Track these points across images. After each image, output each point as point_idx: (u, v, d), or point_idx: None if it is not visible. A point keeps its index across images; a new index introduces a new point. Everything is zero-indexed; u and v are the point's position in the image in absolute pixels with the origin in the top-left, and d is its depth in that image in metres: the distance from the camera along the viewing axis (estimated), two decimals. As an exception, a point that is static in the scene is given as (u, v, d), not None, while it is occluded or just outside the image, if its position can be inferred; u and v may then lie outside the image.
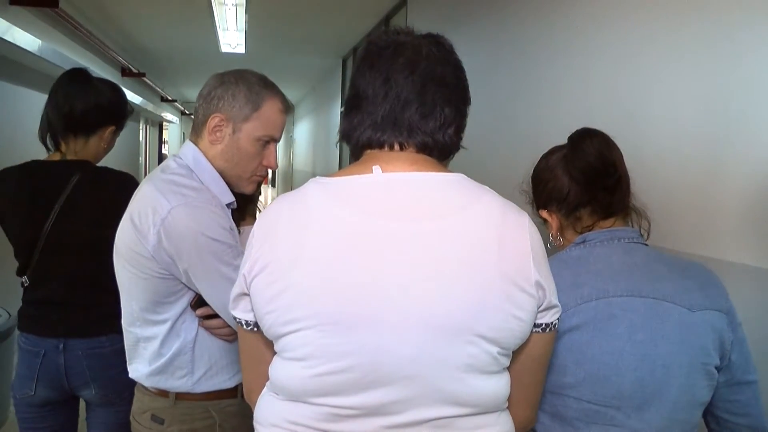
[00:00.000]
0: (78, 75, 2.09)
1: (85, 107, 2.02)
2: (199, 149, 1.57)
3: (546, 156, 1.43)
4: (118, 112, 2.13)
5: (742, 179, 1.64)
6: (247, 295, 1.02)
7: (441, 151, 1.07)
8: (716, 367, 1.27)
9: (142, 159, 11.73)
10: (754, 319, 1.50)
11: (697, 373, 1.25)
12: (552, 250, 1.45)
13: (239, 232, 1.56)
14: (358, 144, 1.07)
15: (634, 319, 1.24)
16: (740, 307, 1.31)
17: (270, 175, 22.05)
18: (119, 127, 2.16)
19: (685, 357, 1.24)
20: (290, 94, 14.45)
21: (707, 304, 1.26)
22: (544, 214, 1.43)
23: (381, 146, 1.05)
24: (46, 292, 2.02)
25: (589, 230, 1.36)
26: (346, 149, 1.15)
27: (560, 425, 1.28)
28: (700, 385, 1.26)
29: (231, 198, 1.57)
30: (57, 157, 2.05)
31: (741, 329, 1.30)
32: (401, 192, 1.00)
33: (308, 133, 14.09)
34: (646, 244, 1.36)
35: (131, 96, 8.43)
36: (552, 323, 1.04)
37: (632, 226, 1.38)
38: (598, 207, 1.34)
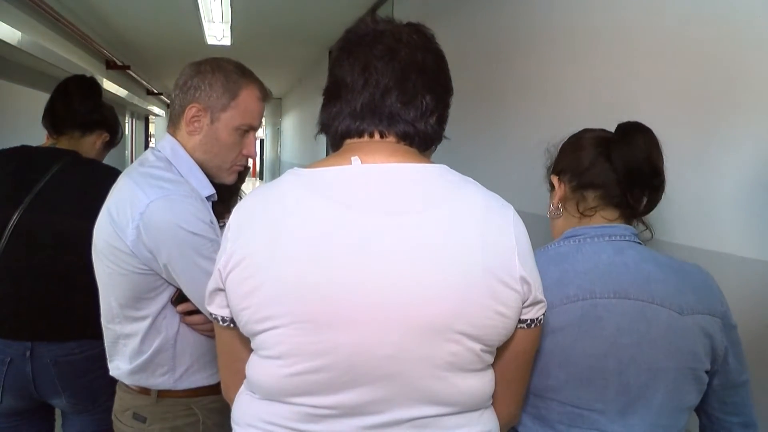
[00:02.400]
0: (91, 80, 2.21)
1: (93, 105, 2.12)
2: (178, 141, 1.54)
3: (584, 131, 1.37)
4: (115, 123, 2.24)
5: (733, 169, 1.62)
6: (223, 290, 0.99)
7: (422, 140, 1.04)
8: (707, 372, 1.24)
9: (128, 153, 11.63)
10: (748, 311, 1.49)
11: (684, 378, 1.22)
12: (546, 227, 1.42)
13: (223, 226, 1.53)
14: (337, 134, 1.04)
15: (621, 321, 1.20)
16: (731, 299, 1.29)
17: (258, 167, 21.99)
18: (111, 141, 2.24)
19: (673, 361, 1.20)
20: (277, 86, 14.37)
21: (699, 308, 1.22)
22: (555, 179, 1.37)
23: (360, 135, 1.02)
24: (11, 287, 1.91)
25: (591, 213, 1.30)
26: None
27: (542, 428, 1.25)
28: (687, 390, 1.23)
29: (211, 190, 1.55)
30: (49, 144, 2.07)
31: (736, 332, 1.26)
32: (381, 184, 0.97)
33: (296, 125, 14.03)
34: (640, 243, 1.31)
35: (116, 89, 8.36)
36: (537, 319, 1.01)
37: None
38: (626, 203, 1.28)
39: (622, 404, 1.21)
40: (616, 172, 1.27)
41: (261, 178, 20.47)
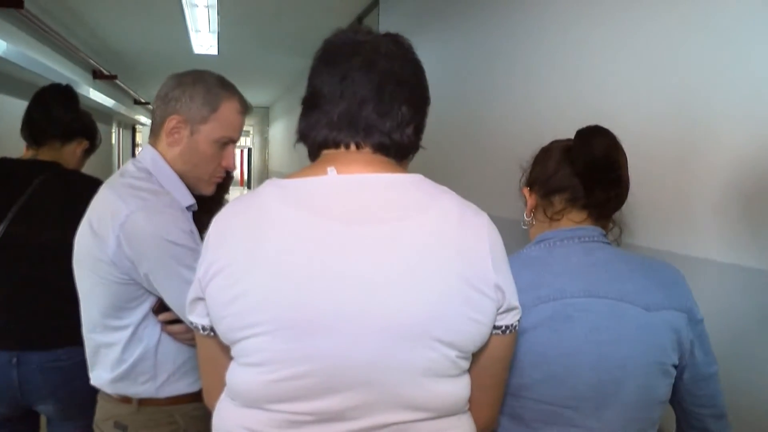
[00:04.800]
0: (68, 88, 2.22)
1: (72, 114, 2.13)
2: (158, 152, 1.55)
3: (552, 143, 1.43)
4: (93, 130, 2.24)
5: (709, 175, 1.65)
6: (203, 299, 1.00)
7: (398, 151, 1.05)
8: (674, 366, 1.28)
9: (115, 162, 11.58)
10: (718, 313, 1.52)
11: (654, 373, 1.26)
12: (523, 232, 1.45)
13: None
14: (315, 143, 1.06)
15: (592, 319, 1.24)
16: (707, 302, 1.32)
17: (246, 176, 21.94)
18: (91, 147, 2.25)
19: (642, 357, 1.24)
20: (265, 95, 14.36)
21: (666, 304, 1.26)
22: (525, 191, 1.44)
23: (337, 146, 1.03)
24: None
25: (558, 217, 1.36)
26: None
27: (519, 426, 1.28)
28: (657, 384, 1.27)
29: (191, 200, 1.56)
30: (29, 155, 2.05)
31: (702, 326, 1.30)
32: (356, 194, 0.99)
33: (283, 134, 14.01)
34: (609, 243, 1.36)
35: (103, 99, 8.33)
36: (512, 325, 1.03)
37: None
38: (592, 203, 1.33)
39: (596, 400, 1.24)
40: (577, 173, 1.33)
41: (249, 187, 20.43)
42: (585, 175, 1.32)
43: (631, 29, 1.99)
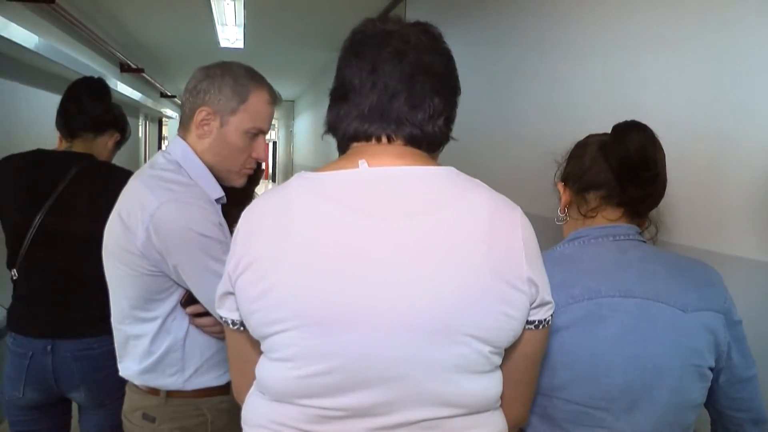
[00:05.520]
0: (100, 81, 2.25)
1: (105, 106, 2.16)
2: (188, 144, 1.55)
3: (587, 137, 1.40)
4: (124, 122, 2.29)
5: (744, 172, 1.62)
6: (233, 293, 0.99)
7: (430, 143, 1.04)
8: (711, 368, 1.25)
9: (142, 155, 11.71)
10: (756, 313, 1.48)
11: (689, 376, 1.22)
12: (556, 230, 1.43)
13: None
14: (345, 136, 1.04)
15: (625, 320, 1.21)
16: (743, 302, 1.29)
17: (271, 170, 22.07)
18: (122, 140, 2.29)
19: (677, 359, 1.21)
20: (290, 89, 14.40)
21: (702, 305, 1.23)
22: (560, 186, 1.40)
23: (368, 139, 1.02)
24: (34, 287, 1.99)
25: (593, 215, 1.33)
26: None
27: (549, 426, 1.26)
28: (692, 388, 1.24)
29: (220, 193, 1.56)
30: (63, 147, 2.11)
31: (740, 327, 1.27)
32: (388, 187, 0.97)
33: (308, 127, 14.06)
34: (644, 241, 1.33)
35: (130, 92, 8.42)
36: (545, 320, 1.02)
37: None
38: (627, 201, 1.30)
39: (628, 402, 1.21)
40: (612, 170, 1.29)
41: (274, 181, 20.54)
42: (620, 172, 1.29)
43: (663, 27, 1.95)
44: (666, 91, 1.93)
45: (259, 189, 2.22)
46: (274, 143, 21.72)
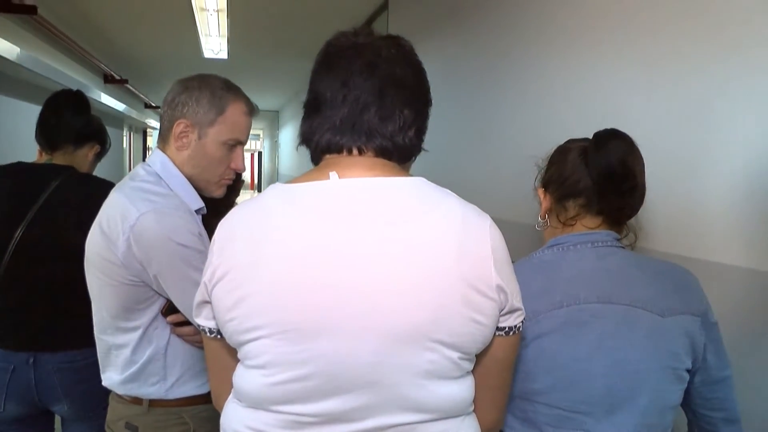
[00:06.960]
0: (79, 93, 2.26)
1: (85, 119, 2.17)
2: (167, 156, 1.57)
3: (568, 142, 1.41)
4: (103, 134, 2.29)
5: (723, 179, 1.64)
6: (209, 302, 1.01)
7: (401, 154, 1.06)
8: (687, 370, 1.28)
9: (126, 166, 11.66)
10: (734, 318, 1.51)
11: (667, 378, 1.25)
12: (536, 235, 1.45)
13: None
14: (317, 148, 1.06)
15: (605, 325, 1.23)
16: (721, 307, 1.31)
17: (256, 180, 22.01)
18: (102, 151, 2.29)
19: (656, 362, 1.23)
20: (274, 99, 14.39)
21: (680, 308, 1.25)
22: (540, 192, 1.41)
23: (340, 151, 1.04)
24: (15, 300, 1.98)
25: (572, 223, 1.34)
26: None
27: (531, 430, 1.28)
28: (670, 390, 1.27)
29: (200, 204, 1.57)
30: (43, 160, 2.10)
31: (716, 329, 1.30)
32: (359, 198, 0.99)
33: (293, 137, 14.01)
34: (623, 248, 1.35)
35: (114, 103, 8.40)
36: (516, 326, 1.03)
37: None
38: (606, 210, 1.32)
39: (608, 405, 1.24)
40: (592, 180, 1.31)
41: (259, 190, 20.49)
42: (600, 183, 1.30)
43: (641, 35, 1.98)
44: (646, 97, 1.95)
45: (240, 199, 2.23)
46: (259, 153, 21.68)
